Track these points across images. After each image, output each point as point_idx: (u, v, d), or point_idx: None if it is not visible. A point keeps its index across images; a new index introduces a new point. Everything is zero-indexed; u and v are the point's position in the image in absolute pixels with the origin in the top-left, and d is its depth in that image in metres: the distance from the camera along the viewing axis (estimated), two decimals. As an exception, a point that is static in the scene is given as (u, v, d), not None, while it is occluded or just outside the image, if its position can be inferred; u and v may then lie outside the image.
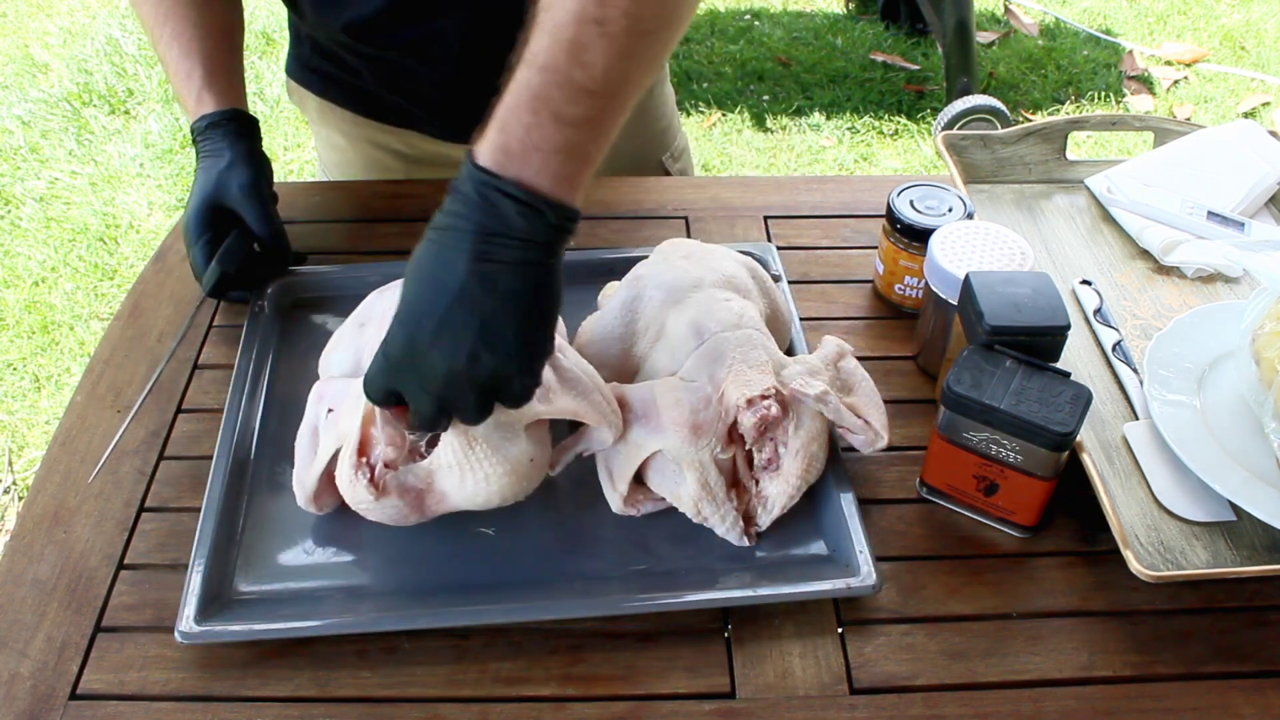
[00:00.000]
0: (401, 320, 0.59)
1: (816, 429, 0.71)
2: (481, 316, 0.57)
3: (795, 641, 0.66)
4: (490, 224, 0.56)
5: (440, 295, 0.57)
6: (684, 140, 1.16)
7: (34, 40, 2.87)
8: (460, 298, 0.57)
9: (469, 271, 0.57)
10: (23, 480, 1.76)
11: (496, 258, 0.57)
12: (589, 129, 0.58)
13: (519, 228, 0.56)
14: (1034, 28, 2.98)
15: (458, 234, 0.57)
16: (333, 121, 1.07)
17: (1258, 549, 0.70)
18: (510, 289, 0.57)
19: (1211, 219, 0.94)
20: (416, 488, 0.67)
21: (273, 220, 0.86)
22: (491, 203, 0.56)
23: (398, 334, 0.59)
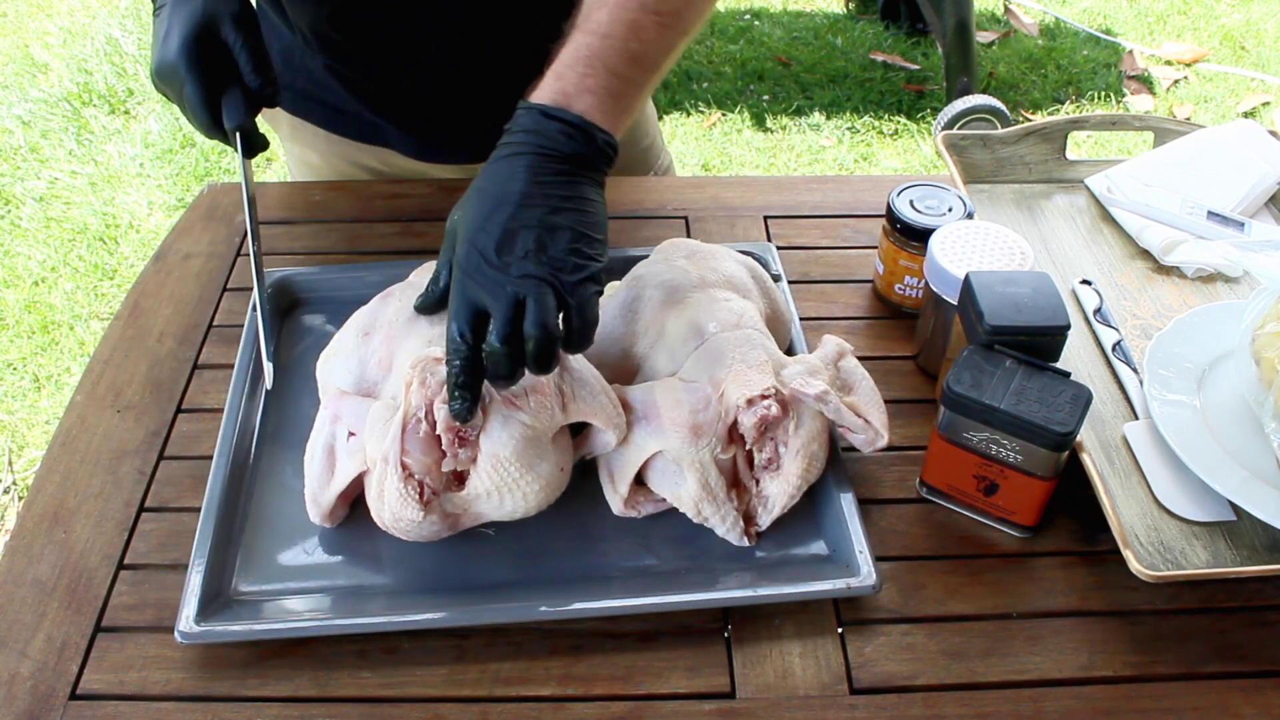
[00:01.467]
0: (470, 235, 0.64)
1: (817, 429, 0.71)
2: (542, 216, 0.63)
3: (795, 641, 0.66)
4: (546, 146, 0.65)
5: (504, 205, 0.64)
6: (668, 158, 1.18)
7: (34, 40, 2.87)
8: (523, 204, 0.64)
9: (528, 182, 0.64)
10: (23, 480, 1.76)
11: (556, 172, 0.65)
12: (632, 85, 0.69)
13: (570, 149, 0.65)
14: (1034, 28, 2.99)
15: (517, 157, 0.65)
16: (306, 139, 1.06)
17: (1258, 549, 0.70)
18: (565, 195, 0.65)
19: (1211, 219, 0.94)
20: (454, 513, 0.68)
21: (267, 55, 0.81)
22: (546, 132, 0.65)
23: (468, 248, 0.64)
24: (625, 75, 0.68)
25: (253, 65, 0.79)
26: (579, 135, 0.65)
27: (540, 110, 0.66)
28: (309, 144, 1.06)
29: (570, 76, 0.67)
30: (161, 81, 0.80)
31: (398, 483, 0.64)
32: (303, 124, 1.05)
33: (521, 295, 0.62)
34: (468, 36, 0.92)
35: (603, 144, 0.67)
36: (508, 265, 0.62)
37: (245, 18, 0.79)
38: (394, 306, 0.75)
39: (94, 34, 2.87)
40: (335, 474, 0.69)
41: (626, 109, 0.69)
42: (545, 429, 0.66)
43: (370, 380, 0.72)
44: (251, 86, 0.80)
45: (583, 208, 0.65)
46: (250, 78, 0.80)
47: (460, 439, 0.64)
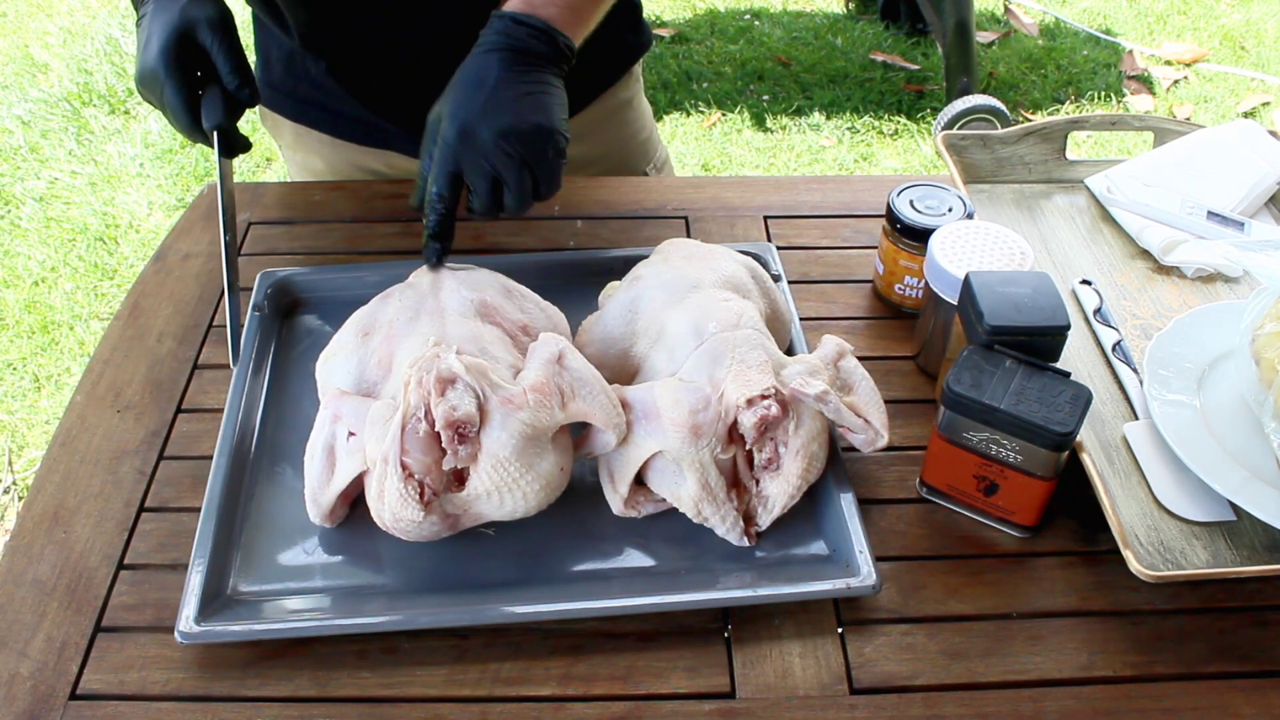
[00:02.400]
0: (452, 114, 0.74)
1: (816, 429, 0.71)
2: (515, 96, 0.74)
3: (795, 641, 0.66)
4: (516, 45, 0.76)
5: (482, 89, 0.74)
6: (664, 152, 1.19)
7: (34, 40, 2.87)
8: (498, 88, 0.74)
9: (501, 73, 0.74)
10: (23, 480, 1.76)
11: (523, 65, 0.75)
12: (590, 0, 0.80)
13: (537, 49, 0.76)
14: (1034, 28, 2.99)
15: (490, 54, 0.75)
16: (309, 145, 1.06)
17: (1258, 549, 0.70)
18: (534, 84, 0.75)
19: (1211, 219, 0.94)
20: (454, 513, 0.68)
21: (244, 57, 0.83)
22: (516, 35, 0.76)
23: (451, 124, 0.74)
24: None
25: (230, 67, 0.82)
26: (543, 37, 0.76)
27: (511, 17, 0.76)
28: (313, 150, 1.07)
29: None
30: (143, 87, 0.83)
31: (398, 483, 0.64)
32: (306, 131, 1.05)
33: (499, 173, 0.73)
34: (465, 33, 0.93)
35: (563, 46, 0.77)
36: (486, 141, 0.72)
37: (222, 22, 0.81)
38: (394, 307, 0.75)
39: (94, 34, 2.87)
40: (335, 474, 0.69)
41: (585, 19, 0.79)
42: (545, 428, 0.66)
43: (370, 380, 0.72)
44: (229, 88, 0.82)
45: (547, 93, 0.76)
46: (228, 79, 0.82)
47: (460, 436, 0.64)
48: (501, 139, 0.72)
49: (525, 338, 0.74)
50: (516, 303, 0.77)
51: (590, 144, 1.08)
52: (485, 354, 0.69)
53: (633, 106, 1.12)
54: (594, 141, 1.08)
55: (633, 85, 1.10)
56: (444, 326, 0.71)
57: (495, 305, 0.75)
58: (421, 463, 0.64)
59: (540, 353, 0.69)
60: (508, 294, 0.78)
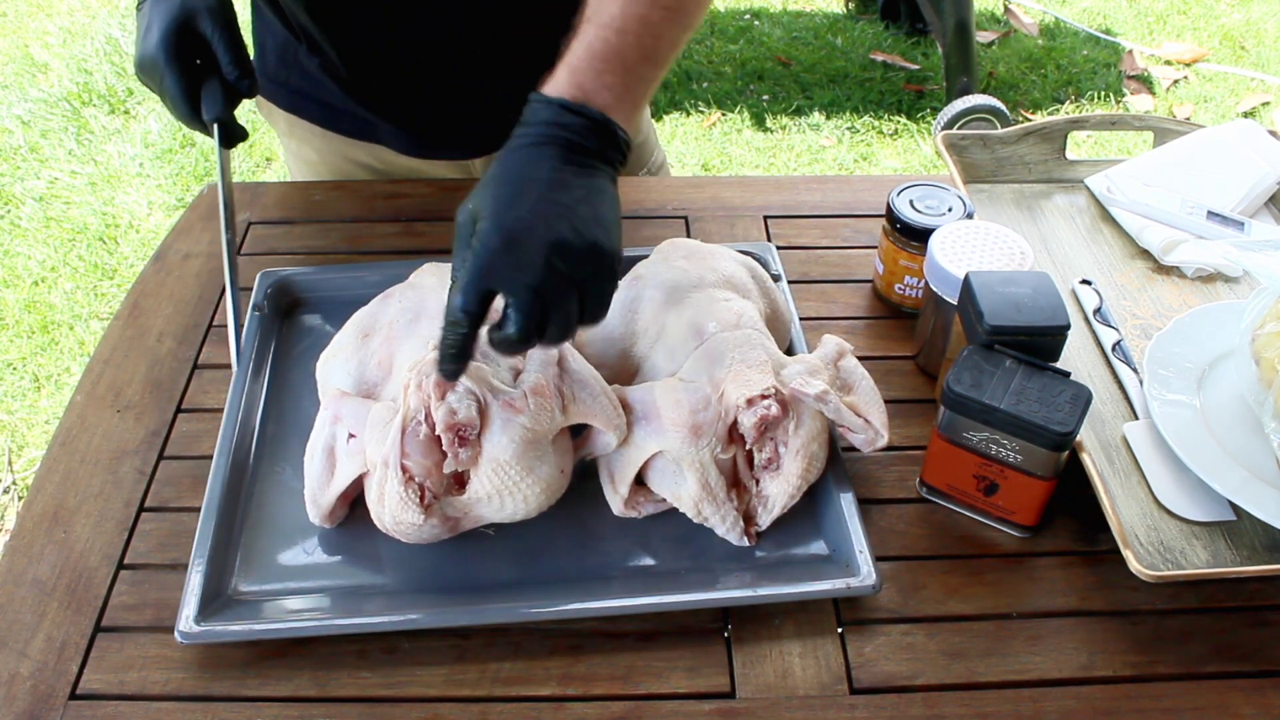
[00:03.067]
0: (494, 216, 0.61)
1: (816, 428, 0.71)
2: (571, 205, 0.62)
3: (795, 641, 0.66)
4: (570, 138, 0.64)
5: (532, 189, 0.62)
6: (661, 155, 1.18)
7: (34, 40, 2.87)
8: (550, 190, 0.62)
9: (554, 169, 0.63)
10: (23, 480, 1.76)
11: (577, 163, 0.64)
12: (644, 82, 0.69)
13: (593, 144, 0.65)
14: (1034, 27, 2.99)
15: (540, 146, 0.64)
16: (302, 135, 1.06)
17: (1258, 549, 0.70)
18: (591, 187, 0.64)
19: (1211, 219, 0.94)
20: (454, 516, 0.68)
21: (244, 48, 0.82)
22: (568, 126, 0.64)
23: (493, 228, 0.61)
24: (639, 72, 0.68)
25: (230, 58, 0.81)
26: (601, 131, 0.65)
27: (560, 104, 0.65)
28: (305, 141, 1.07)
29: (588, 72, 0.66)
30: (143, 74, 0.82)
31: (398, 486, 0.64)
32: (299, 121, 1.05)
33: (545, 296, 0.61)
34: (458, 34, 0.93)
35: (621, 140, 0.67)
36: (534, 257, 0.60)
37: (222, 11, 0.81)
38: (394, 308, 0.75)
39: (94, 34, 2.87)
40: (335, 475, 0.69)
41: (639, 105, 0.69)
42: (545, 431, 0.66)
43: (370, 381, 0.72)
44: (229, 78, 0.82)
45: (603, 201, 0.65)
46: (228, 70, 0.82)
47: (460, 439, 0.64)
48: (555, 256, 0.60)
49: (525, 338, 0.74)
50: (516, 303, 0.77)
51: None
52: (486, 357, 0.69)
53: None
54: None
55: None
56: None
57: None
58: (422, 466, 0.64)
59: (540, 355, 0.69)
60: (508, 294, 0.77)
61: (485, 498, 0.66)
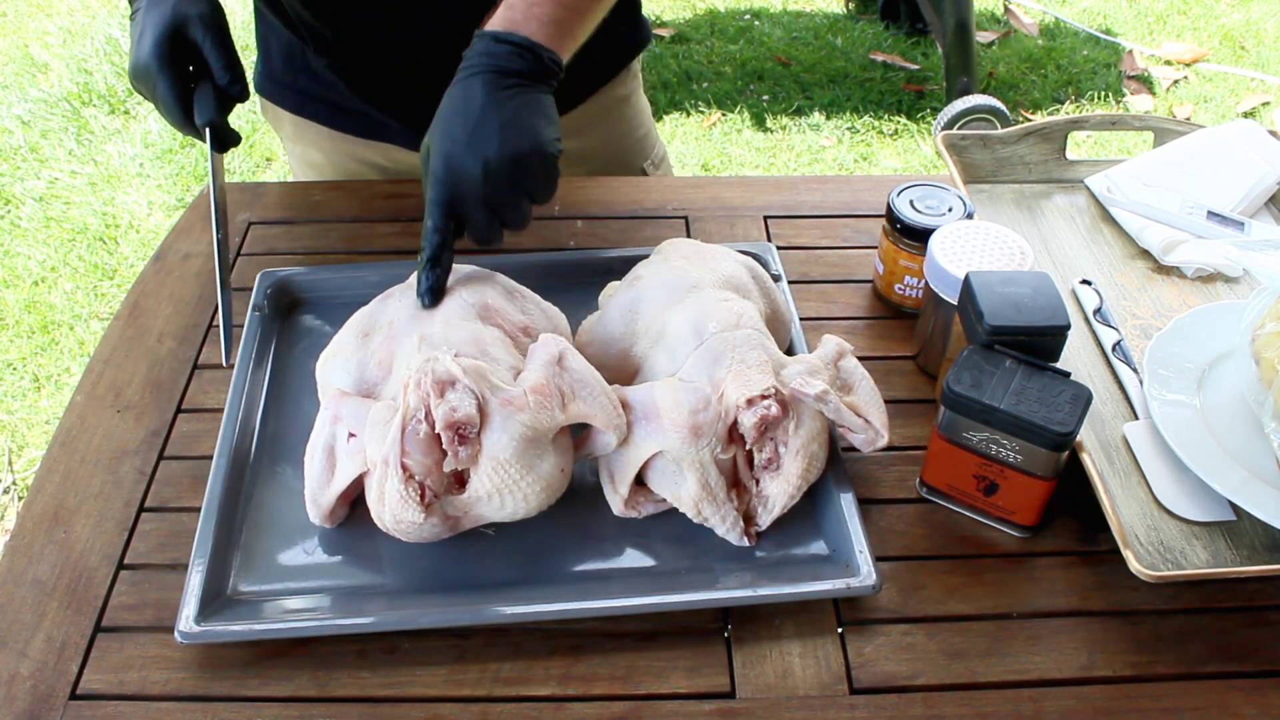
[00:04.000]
0: (440, 149, 0.72)
1: (817, 428, 0.71)
2: (500, 122, 0.72)
3: (795, 641, 0.66)
4: (499, 65, 0.73)
5: (467, 118, 0.72)
6: (662, 148, 1.19)
7: (34, 40, 2.87)
8: (483, 115, 0.72)
9: (485, 97, 0.72)
10: (23, 480, 1.76)
11: (506, 86, 0.73)
12: (576, 14, 0.77)
13: (520, 67, 0.73)
14: (1034, 28, 2.99)
15: (474, 77, 0.73)
16: (309, 138, 1.07)
17: (1258, 549, 0.70)
18: (520, 103, 0.73)
19: (1211, 219, 0.94)
20: (455, 515, 0.68)
21: (235, 53, 0.84)
22: (498, 54, 0.73)
23: (439, 159, 0.72)
24: (568, 4, 0.76)
25: (221, 64, 0.83)
26: (527, 54, 0.74)
27: (492, 36, 0.74)
28: (312, 143, 1.07)
29: (520, 5, 0.75)
30: (137, 81, 0.83)
31: (398, 485, 0.64)
32: (306, 123, 1.05)
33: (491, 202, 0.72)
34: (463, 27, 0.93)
35: (548, 61, 0.75)
36: (473, 173, 0.71)
37: (213, 18, 0.82)
38: (394, 307, 0.75)
39: (94, 34, 2.87)
40: (335, 475, 0.69)
41: (571, 33, 0.77)
42: (545, 430, 0.66)
43: (370, 381, 0.72)
44: (220, 84, 0.83)
45: (534, 111, 0.73)
46: (219, 75, 0.83)
47: (460, 437, 0.64)
48: (489, 168, 0.71)
49: (526, 339, 0.74)
50: (517, 304, 0.77)
51: (587, 139, 1.08)
52: (485, 355, 0.69)
53: (631, 103, 1.12)
54: (591, 137, 1.08)
55: (631, 82, 1.11)
56: (444, 328, 0.71)
57: (496, 306, 0.75)
58: (422, 464, 0.64)
59: (540, 354, 0.69)
60: (509, 295, 0.77)
61: (485, 496, 0.66)
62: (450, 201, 0.73)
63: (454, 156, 0.72)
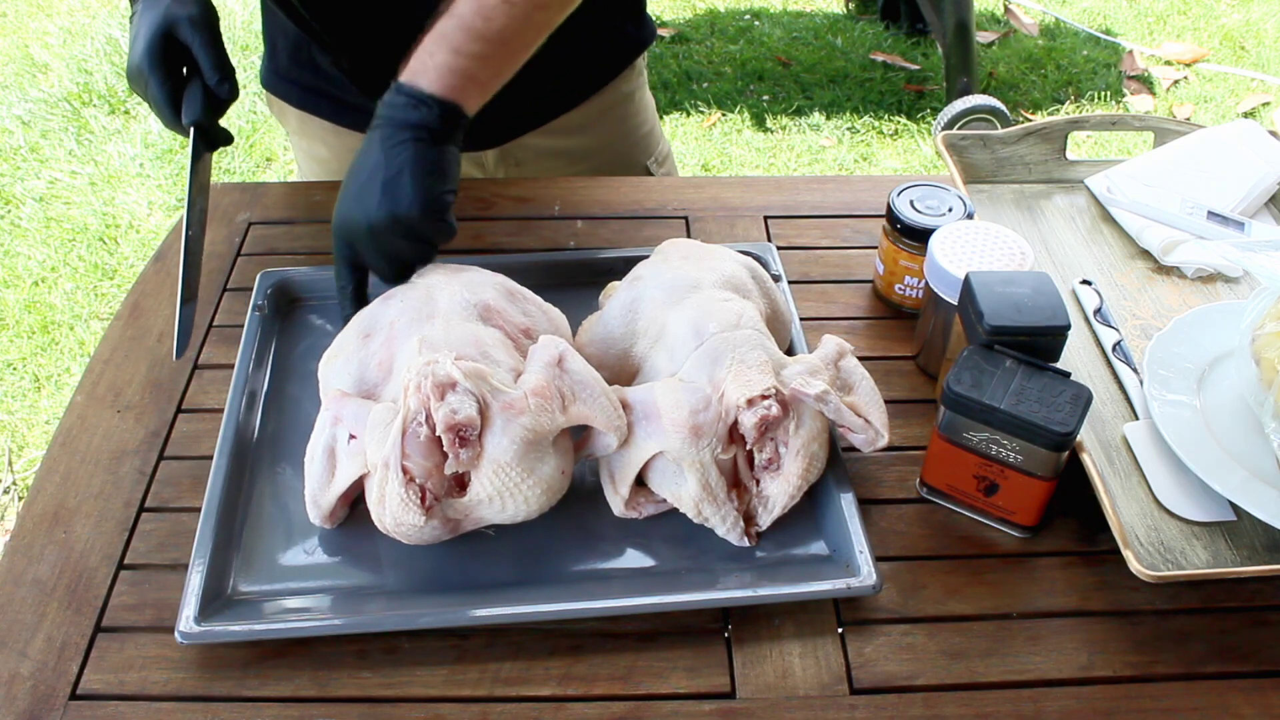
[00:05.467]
0: (338, 204, 0.76)
1: (817, 429, 0.71)
2: (384, 179, 0.74)
3: (795, 641, 0.66)
4: (395, 117, 0.75)
5: (358, 174, 0.75)
6: (666, 146, 1.19)
7: (34, 40, 2.87)
8: (371, 174, 0.74)
9: (379, 153, 0.74)
10: (23, 480, 1.76)
11: (398, 141, 0.74)
12: (478, 61, 0.76)
13: (415, 119, 0.74)
14: (1034, 28, 2.99)
15: (373, 131, 0.76)
16: (314, 133, 1.07)
17: (1258, 549, 0.70)
18: (405, 159, 0.74)
19: (1211, 219, 0.94)
20: (455, 518, 0.68)
21: (225, 54, 0.85)
22: (396, 105, 0.75)
23: (336, 214, 0.76)
24: (469, 53, 0.75)
25: (210, 64, 0.84)
26: (422, 107, 0.75)
27: (395, 87, 0.76)
28: (317, 138, 1.07)
29: (421, 56, 0.76)
30: (132, 81, 0.85)
31: (399, 488, 0.64)
32: (310, 118, 1.05)
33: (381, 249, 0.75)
34: None
35: (447, 113, 0.75)
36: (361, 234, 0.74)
37: (204, 20, 0.83)
38: (394, 309, 0.75)
39: (94, 34, 2.87)
40: (336, 476, 0.69)
41: (476, 81, 0.77)
42: (546, 432, 0.66)
43: (370, 382, 0.72)
44: (209, 84, 0.84)
45: (423, 167, 0.74)
46: (208, 75, 0.84)
47: (461, 439, 0.64)
48: (374, 226, 0.74)
49: (526, 340, 0.74)
50: (518, 305, 0.77)
51: (591, 137, 1.08)
52: (486, 357, 0.69)
53: (635, 100, 1.12)
54: (594, 134, 1.08)
55: (635, 79, 1.10)
56: (445, 329, 0.71)
57: (497, 307, 0.75)
58: (422, 467, 0.64)
59: (540, 356, 0.69)
60: (509, 296, 0.77)
61: (486, 499, 0.66)
62: (347, 255, 0.77)
63: (343, 213, 0.76)
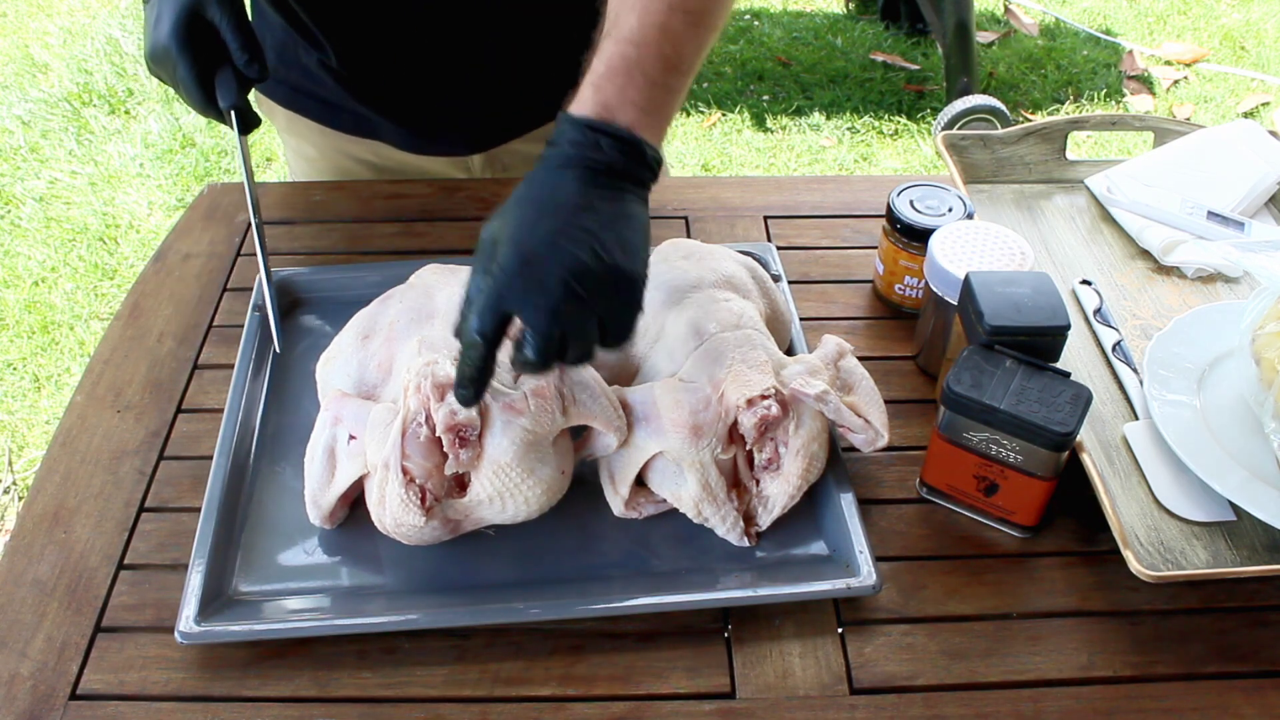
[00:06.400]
0: (514, 237, 0.61)
1: (817, 429, 0.71)
2: (595, 230, 0.61)
3: (795, 641, 0.66)
4: (597, 159, 0.63)
5: (557, 212, 0.61)
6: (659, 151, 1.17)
7: (34, 40, 2.87)
8: (575, 214, 0.61)
9: (580, 194, 0.62)
10: (23, 480, 1.76)
11: (604, 185, 0.63)
12: (670, 92, 0.67)
13: (621, 164, 0.63)
14: (1034, 28, 2.99)
15: (566, 168, 0.63)
16: (302, 132, 1.07)
17: (1258, 549, 0.70)
18: (617, 211, 0.63)
19: (1211, 219, 0.94)
20: (455, 518, 0.68)
21: (253, 34, 0.82)
22: (597, 144, 0.63)
23: (512, 251, 0.60)
24: (663, 83, 0.66)
25: (239, 44, 0.81)
26: (629, 150, 0.63)
27: (586, 124, 0.63)
28: (304, 137, 1.07)
29: (609, 89, 0.64)
30: (156, 65, 0.82)
31: (399, 488, 0.64)
32: (297, 118, 1.05)
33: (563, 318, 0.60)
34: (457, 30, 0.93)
35: (651, 159, 0.65)
36: (553, 281, 0.59)
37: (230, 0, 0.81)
38: (394, 309, 0.75)
39: (94, 34, 2.87)
40: (336, 477, 0.69)
41: (667, 118, 0.67)
42: (546, 433, 0.66)
43: (369, 383, 0.72)
44: (239, 65, 0.81)
45: (630, 225, 0.63)
46: (238, 56, 0.81)
47: (461, 440, 0.64)
48: (574, 281, 0.59)
49: (525, 338, 0.74)
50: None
51: None
52: None
53: None
54: None
55: None
56: (445, 329, 0.71)
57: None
58: (423, 467, 0.64)
59: None
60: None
61: (486, 500, 0.66)
62: (510, 303, 0.60)
63: (535, 254, 0.60)
